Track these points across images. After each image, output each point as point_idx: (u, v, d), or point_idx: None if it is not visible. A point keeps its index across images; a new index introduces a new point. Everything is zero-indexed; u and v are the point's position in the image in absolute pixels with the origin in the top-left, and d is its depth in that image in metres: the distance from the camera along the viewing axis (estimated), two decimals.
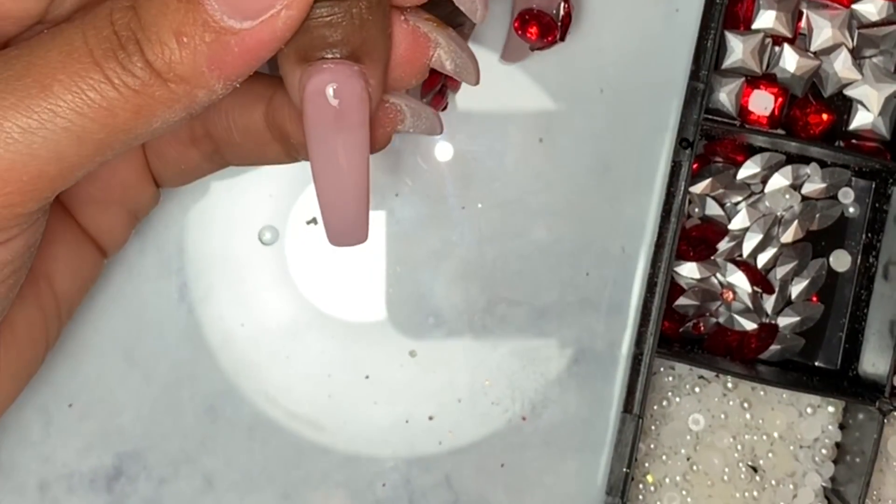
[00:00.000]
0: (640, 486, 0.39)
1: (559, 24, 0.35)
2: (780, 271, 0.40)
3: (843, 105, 0.39)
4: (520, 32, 0.35)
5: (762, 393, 0.40)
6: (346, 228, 0.25)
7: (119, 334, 0.37)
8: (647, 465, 0.40)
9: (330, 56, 0.23)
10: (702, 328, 0.40)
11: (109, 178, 0.30)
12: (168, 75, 0.22)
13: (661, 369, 0.39)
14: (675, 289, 0.40)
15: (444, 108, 0.36)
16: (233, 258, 0.37)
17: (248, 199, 0.37)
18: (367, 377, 0.38)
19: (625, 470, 0.37)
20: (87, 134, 0.22)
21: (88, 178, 0.29)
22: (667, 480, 0.40)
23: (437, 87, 0.35)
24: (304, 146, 0.27)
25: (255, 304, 0.37)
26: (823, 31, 0.38)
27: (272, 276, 0.37)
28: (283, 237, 0.37)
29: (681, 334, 0.40)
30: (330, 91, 0.23)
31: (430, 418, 0.38)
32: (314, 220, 0.37)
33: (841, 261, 0.40)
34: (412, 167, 0.37)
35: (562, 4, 0.35)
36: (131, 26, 0.22)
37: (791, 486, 0.40)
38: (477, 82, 0.27)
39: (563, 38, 0.36)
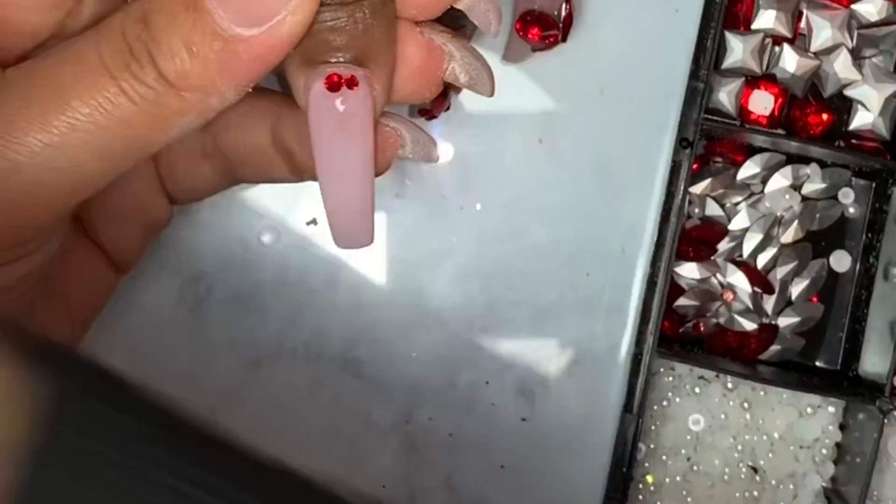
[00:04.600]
0: (640, 486, 0.39)
1: (560, 24, 0.35)
2: (781, 272, 0.40)
3: (842, 105, 0.39)
4: (521, 34, 0.35)
5: (762, 393, 0.39)
6: (351, 231, 0.25)
7: (118, 335, 0.37)
8: (647, 465, 0.40)
9: (334, 60, 0.23)
10: (702, 328, 0.40)
11: (123, 192, 0.30)
12: (181, 85, 0.22)
13: (661, 369, 0.39)
14: (675, 289, 0.40)
15: (447, 108, 0.36)
16: (232, 259, 0.37)
17: (247, 200, 0.37)
18: (367, 378, 0.38)
19: (625, 470, 0.37)
20: (106, 145, 0.22)
21: (102, 193, 0.29)
22: (667, 481, 0.40)
23: None
24: (308, 165, 0.27)
25: (254, 304, 0.37)
26: (823, 31, 0.38)
27: (272, 277, 0.37)
28: (282, 238, 0.37)
29: (681, 334, 0.40)
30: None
31: (430, 419, 0.38)
32: (314, 221, 0.37)
33: (841, 261, 0.40)
34: (412, 168, 0.37)
35: (563, 5, 0.35)
36: (142, 38, 0.22)
37: (791, 487, 0.40)
38: (492, 94, 0.26)
39: (564, 39, 0.36)
